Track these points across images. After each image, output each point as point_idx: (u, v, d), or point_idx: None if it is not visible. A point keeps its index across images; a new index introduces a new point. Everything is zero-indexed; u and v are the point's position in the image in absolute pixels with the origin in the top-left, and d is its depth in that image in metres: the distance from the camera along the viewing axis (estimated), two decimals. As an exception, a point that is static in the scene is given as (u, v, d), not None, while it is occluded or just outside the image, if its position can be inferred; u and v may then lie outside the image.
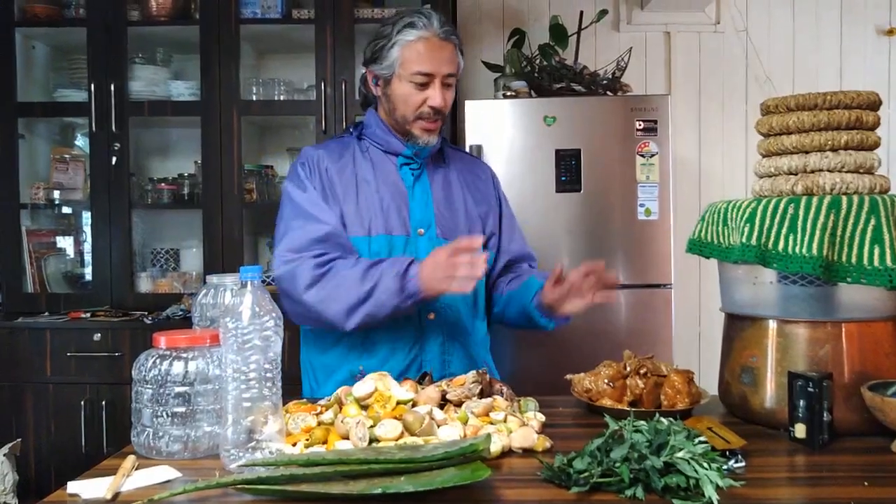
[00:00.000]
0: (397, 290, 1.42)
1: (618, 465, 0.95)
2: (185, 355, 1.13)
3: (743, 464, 1.04)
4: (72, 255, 3.09)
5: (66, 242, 3.09)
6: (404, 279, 1.42)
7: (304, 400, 1.37)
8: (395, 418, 1.13)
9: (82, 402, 2.62)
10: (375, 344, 1.54)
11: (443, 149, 1.69)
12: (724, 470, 0.98)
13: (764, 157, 1.38)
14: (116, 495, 0.96)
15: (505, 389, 1.31)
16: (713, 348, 1.46)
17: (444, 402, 1.25)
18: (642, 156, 2.68)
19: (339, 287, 1.45)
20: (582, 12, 3.06)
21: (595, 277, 1.48)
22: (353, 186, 1.58)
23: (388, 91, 1.58)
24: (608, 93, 2.83)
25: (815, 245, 1.18)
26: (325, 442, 1.12)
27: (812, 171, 1.28)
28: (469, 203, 1.66)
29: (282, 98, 2.96)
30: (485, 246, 1.68)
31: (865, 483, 0.99)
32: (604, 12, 3.10)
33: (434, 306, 1.56)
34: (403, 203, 1.58)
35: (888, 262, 1.15)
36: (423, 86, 1.54)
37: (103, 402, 2.61)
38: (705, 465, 0.93)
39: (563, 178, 2.70)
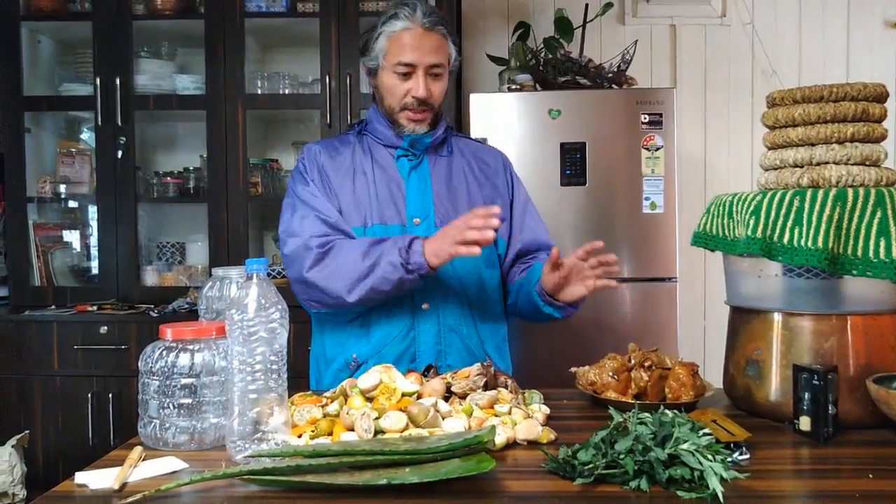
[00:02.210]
0: (400, 264, 1.43)
1: (622, 456, 0.95)
2: (191, 347, 1.14)
3: (747, 456, 1.04)
4: (78, 249, 3.10)
5: (72, 236, 3.10)
6: (408, 253, 1.43)
7: (310, 392, 1.38)
8: (400, 410, 1.13)
9: (89, 395, 2.64)
10: (370, 332, 1.55)
11: (448, 138, 1.69)
12: (729, 462, 0.98)
13: (770, 149, 1.38)
14: (124, 485, 0.97)
15: (510, 382, 1.31)
16: (718, 341, 1.46)
17: (448, 395, 1.25)
18: (647, 149, 2.68)
19: (342, 263, 1.48)
20: (587, 5, 3.05)
21: (594, 259, 1.46)
22: (349, 179, 1.60)
23: (377, 82, 1.62)
24: (613, 86, 2.83)
25: (820, 238, 1.18)
26: (330, 433, 1.13)
27: (818, 164, 1.28)
28: (473, 191, 1.65)
29: (286, 92, 2.96)
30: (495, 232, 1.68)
31: (870, 475, 0.99)
32: (609, 5, 3.09)
33: (429, 297, 1.55)
34: (399, 193, 1.59)
35: (894, 254, 1.15)
36: (407, 76, 1.56)
37: (110, 395, 2.63)
38: (710, 457, 0.93)
39: (568, 172, 2.70)
